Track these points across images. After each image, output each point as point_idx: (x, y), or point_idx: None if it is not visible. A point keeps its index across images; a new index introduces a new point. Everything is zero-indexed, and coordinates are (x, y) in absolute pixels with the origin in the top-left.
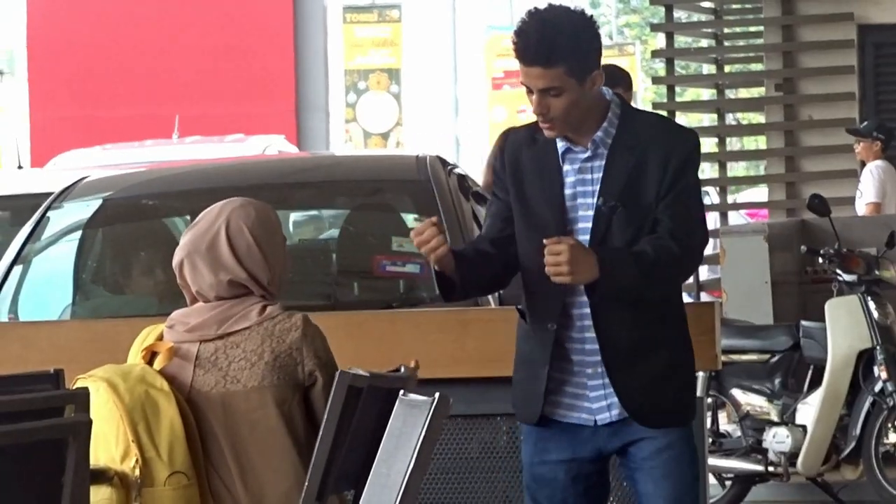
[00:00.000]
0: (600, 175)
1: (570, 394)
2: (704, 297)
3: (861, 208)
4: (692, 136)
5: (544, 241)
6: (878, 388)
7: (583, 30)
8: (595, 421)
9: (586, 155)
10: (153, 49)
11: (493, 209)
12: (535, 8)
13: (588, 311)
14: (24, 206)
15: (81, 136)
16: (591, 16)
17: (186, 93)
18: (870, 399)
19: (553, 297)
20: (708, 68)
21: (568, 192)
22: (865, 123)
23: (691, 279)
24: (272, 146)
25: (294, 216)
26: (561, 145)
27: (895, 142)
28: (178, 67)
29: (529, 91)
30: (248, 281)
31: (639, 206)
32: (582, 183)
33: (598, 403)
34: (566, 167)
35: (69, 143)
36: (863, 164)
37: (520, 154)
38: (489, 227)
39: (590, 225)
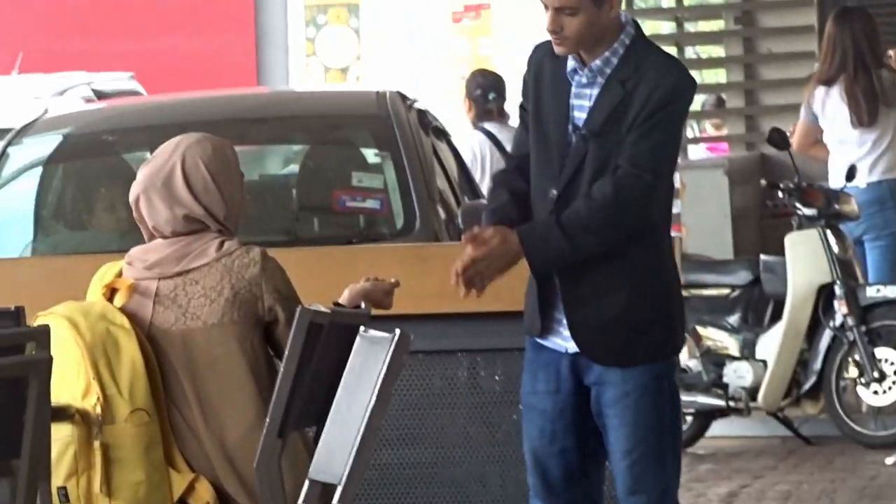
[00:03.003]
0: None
1: (554, 318)
2: None
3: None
4: (684, 78)
5: (463, 237)
6: (838, 322)
7: None
8: (566, 349)
9: (584, 81)
10: None
11: (521, 122)
12: None
13: None
14: None
15: (31, 68)
16: None
17: (144, 27)
18: (830, 334)
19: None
20: (667, 1)
21: (570, 113)
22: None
23: None
24: (88, 84)
25: (253, 151)
26: (570, 64)
27: None
28: (135, 2)
29: (546, 7)
30: (204, 216)
31: (611, 140)
32: (579, 108)
33: (566, 331)
34: (573, 88)
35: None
36: None
37: (543, 66)
38: (517, 145)
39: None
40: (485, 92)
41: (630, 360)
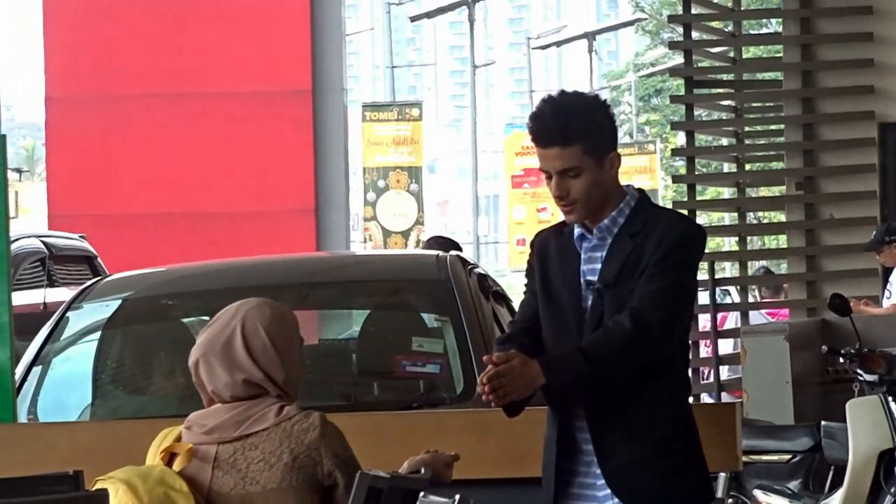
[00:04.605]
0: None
1: (580, 483)
2: (725, 397)
3: (887, 308)
4: (693, 226)
5: (484, 358)
6: None
7: (596, 110)
8: None
9: (593, 244)
10: (171, 148)
11: (526, 298)
12: (549, 94)
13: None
14: None
15: (100, 234)
16: (605, 100)
17: (206, 191)
18: (891, 500)
19: None
20: (728, 166)
21: (582, 279)
22: (874, 234)
23: (711, 378)
24: (38, 237)
25: (313, 315)
26: (577, 232)
27: None
28: (197, 166)
29: (549, 177)
30: (263, 381)
31: (626, 289)
32: (592, 272)
33: (603, 491)
34: (582, 255)
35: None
36: (884, 267)
37: (547, 244)
38: (523, 312)
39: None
40: None
41: (668, 500)
